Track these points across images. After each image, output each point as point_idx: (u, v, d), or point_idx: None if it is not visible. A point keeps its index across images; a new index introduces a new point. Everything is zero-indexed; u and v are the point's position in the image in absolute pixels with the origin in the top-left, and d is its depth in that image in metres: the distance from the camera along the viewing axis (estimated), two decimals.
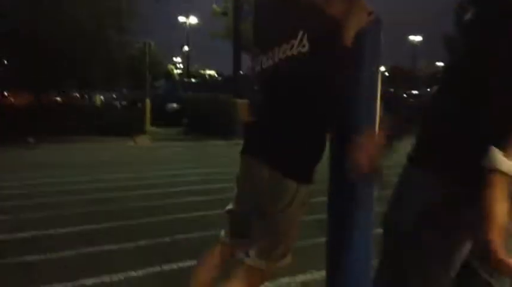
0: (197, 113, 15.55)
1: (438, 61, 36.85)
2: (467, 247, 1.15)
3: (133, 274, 3.02)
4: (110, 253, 3.47)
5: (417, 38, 49.10)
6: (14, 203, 5.12)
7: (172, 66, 37.95)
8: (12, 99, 17.52)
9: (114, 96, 24.57)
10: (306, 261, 2.79)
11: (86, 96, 21.85)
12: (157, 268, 3.12)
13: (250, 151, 1.78)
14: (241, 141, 1.86)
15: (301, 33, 1.60)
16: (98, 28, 14.28)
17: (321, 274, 1.83)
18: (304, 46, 1.59)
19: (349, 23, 1.58)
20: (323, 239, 1.78)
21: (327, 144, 1.71)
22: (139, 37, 17.44)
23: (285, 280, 2.88)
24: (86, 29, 13.72)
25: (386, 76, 38.14)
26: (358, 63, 1.63)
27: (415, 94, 24.65)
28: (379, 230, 1.30)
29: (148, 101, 17.29)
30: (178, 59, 42.31)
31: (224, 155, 10.80)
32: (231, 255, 1.86)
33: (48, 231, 4.01)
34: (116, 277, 2.95)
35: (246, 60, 20.24)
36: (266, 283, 2.65)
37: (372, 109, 1.64)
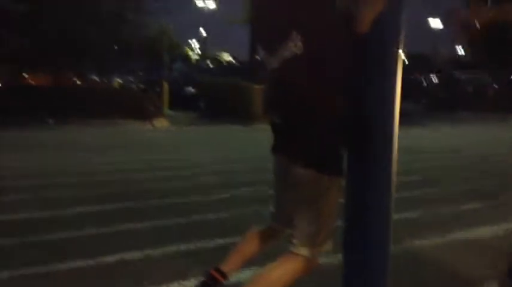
0: (214, 98, 15.58)
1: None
2: None
3: (151, 252, 3.07)
4: (129, 232, 3.52)
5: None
6: (34, 182, 5.21)
7: (189, 49, 37.88)
8: (31, 81, 17.75)
9: (131, 79, 24.71)
10: None
11: (104, 79, 22.00)
12: (174, 247, 3.16)
13: (280, 150, 1.84)
14: (258, 126, 1.89)
15: (294, 33, 1.62)
16: (116, 8, 14.31)
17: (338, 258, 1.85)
18: (297, 47, 1.62)
19: (365, 11, 1.59)
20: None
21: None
22: (157, 19, 17.44)
23: None
24: (104, 10, 13.76)
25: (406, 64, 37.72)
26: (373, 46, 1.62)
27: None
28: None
29: (166, 85, 17.36)
30: (195, 43, 42.21)
31: (240, 140, 10.83)
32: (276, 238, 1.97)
33: (68, 210, 4.08)
34: (136, 255, 3.00)
35: None
36: None
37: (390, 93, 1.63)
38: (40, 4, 13.08)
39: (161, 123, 13.77)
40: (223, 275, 2.05)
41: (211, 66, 29.21)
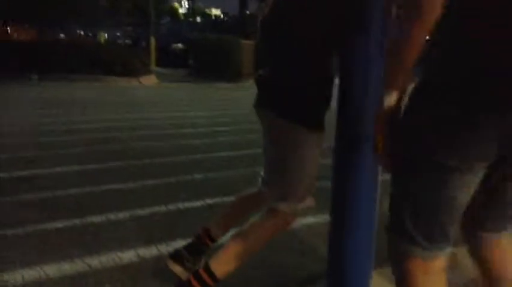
0: (203, 55, 15.27)
1: None
2: None
3: (139, 212, 3.03)
4: (116, 191, 3.48)
5: None
6: (14, 141, 5.10)
7: (177, 4, 36.92)
8: (15, 35, 17.22)
9: (118, 34, 24.10)
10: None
11: (90, 34, 21.45)
12: (163, 207, 3.13)
13: (260, 103, 1.79)
14: (247, 84, 1.83)
15: None
16: None
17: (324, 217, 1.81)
18: None
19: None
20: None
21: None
22: None
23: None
24: None
25: None
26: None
27: None
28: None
29: (153, 40, 16.96)
30: None
31: (229, 98, 10.70)
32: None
33: (53, 169, 4.01)
34: (122, 215, 2.97)
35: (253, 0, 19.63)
36: None
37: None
38: None
39: (149, 80, 13.51)
40: (212, 239, 2.02)
41: (199, 21, 28.56)
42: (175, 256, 2.01)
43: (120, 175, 3.89)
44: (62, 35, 17.55)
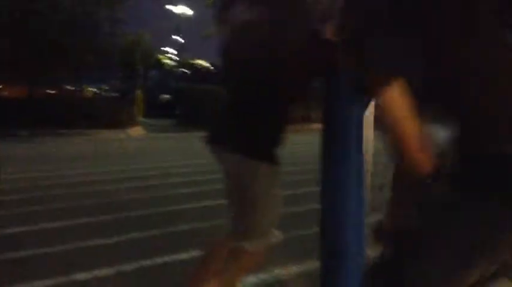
0: (190, 104, 15.51)
1: None
2: None
3: (125, 267, 3.03)
4: (102, 246, 3.47)
5: None
6: (4, 198, 5.09)
7: (164, 57, 37.61)
8: (5, 92, 17.39)
9: (106, 88, 24.43)
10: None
11: (79, 88, 21.69)
12: (148, 261, 3.13)
13: (214, 140, 1.79)
14: None
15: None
16: (89, 18, 14.16)
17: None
18: (248, 12, 1.62)
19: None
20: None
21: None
22: (131, 27, 17.31)
23: (278, 270, 2.90)
24: (77, 20, 13.62)
25: None
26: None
27: None
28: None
29: (140, 93, 17.24)
30: (170, 49, 42.00)
31: None
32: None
33: (39, 225, 4.00)
34: (108, 271, 2.96)
35: None
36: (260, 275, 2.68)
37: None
38: (11, 14, 12.83)
39: (136, 131, 13.63)
40: None
41: (187, 72, 29.11)
42: None
43: (106, 229, 3.89)
44: (50, 91, 17.74)
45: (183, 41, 41.94)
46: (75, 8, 13.65)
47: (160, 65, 28.32)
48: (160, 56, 30.89)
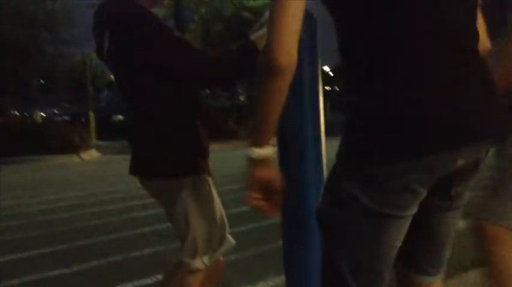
0: None
1: None
2: None
3: None
4: (61, 277, 3.30)
5: None
6: None
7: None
8: None
9: (55, 111, 23.69)
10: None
11: (26, 113, 20.96)
12: None
13: (135, 171, 1.78)
14: None
15: (106, 32, 1.65)
16: (30, 40, 13.75)
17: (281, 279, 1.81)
18: (106, 43, 1.65)
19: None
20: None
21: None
22: (78, 48, 16.92)
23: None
24: (18, 42, 13.20)
25: (331, 76, 38.94)
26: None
27: None
28: None
29: (92, 115, 16.84)
30: None
31: None
32: None
33: None
34: None
35: None
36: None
37: (315, 108, 1.62)
38: None
39: (89, 155, 13.25)
40: None
41: None
42: None
43: (65, 258, 3.71)
44: None
45: None
46: (17, 30, 13.20)
47: (112, 85, 27.84)
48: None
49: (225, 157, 9.51)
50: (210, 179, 1.71)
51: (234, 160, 9.64)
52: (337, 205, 1.12)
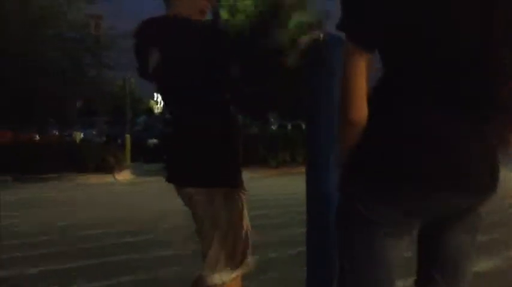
0: None
1: None
2: None
3: None
4: None
5: None
6: None
7: (153, 102, 37.93)
8: None
9: (94, 132, 24.39)
10: None
11: (65, 133, 21.66)
12: None
13: (171, 178, 1.81)
14: None
15: (154, 48, 1.72)
16: (73, 65, 14.26)
17: None
18: (156, 58, 1.72)
19: None
20: None
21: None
22: (119, 73, 17.44)
23: None
24: (61, 67, 13.74)
25: None
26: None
27: None
28: None
29: (128, 137, 17.22)
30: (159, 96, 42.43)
31: None
32: None
33: (24, 271, 3.89)
34: None
35: None
36: None
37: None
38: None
39: (123, 176, 13.51)
40: None
41: None
42: None
43: (94, 274, 3.79)
44: (37, 136, 17.67)
45: None
46: (61, 54, 13.74)
47: (151, 111, 28.55)
48: (152, 102, 31.20)
49: (253, 185, 9.51)
50: (243, 196, 1.73)
51: (263, 188, 9.64)
52: (341, 208, 1.26)
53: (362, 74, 1.17)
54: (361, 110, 1.19)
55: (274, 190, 9.64)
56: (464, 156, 1.13)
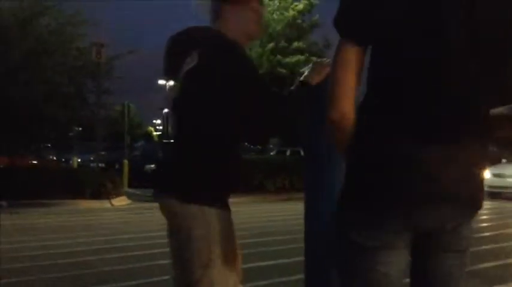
0: None
1: None
2: None
3: None
4: None
5: None
6: None
7: (151, 129, 38.05)
8: None
9: (91, 158, 24.32)
10: None
11: (63, 159, 21.61)
12: None
13: (158, 191, 1.77)
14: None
15: (194, 51, 1.67)
16: (75, 91, 14.35)
17: None
18: (194, 61, 1.65)
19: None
20: None
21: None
22: (118, 99, 17.53)
23: None
24: (62, 91, 13.82)
25: None
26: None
27: None
28: None
29: (126, 162, 17.21)
30: (158, 121, 42.53)
31: None
32: None
33: None
34: None
35: None
36: None
37: None
38: None
39: (120, 201, 13.44)
40: None
41: None
42: None
43: None
44: (34, 161, 17.61)
45: (167, 112, 42.67)
46: (62, 79, 13.83)
47: (150, 137, 28.59)
48: (150, 128, 31.28)
49: (250, 210, 9.46)
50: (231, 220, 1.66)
51: (259, 213, 9.58)
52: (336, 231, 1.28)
53: (349, 69, 1.15)
54: (339, 110, 1.18)
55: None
56: (443, 177, 1.13)
